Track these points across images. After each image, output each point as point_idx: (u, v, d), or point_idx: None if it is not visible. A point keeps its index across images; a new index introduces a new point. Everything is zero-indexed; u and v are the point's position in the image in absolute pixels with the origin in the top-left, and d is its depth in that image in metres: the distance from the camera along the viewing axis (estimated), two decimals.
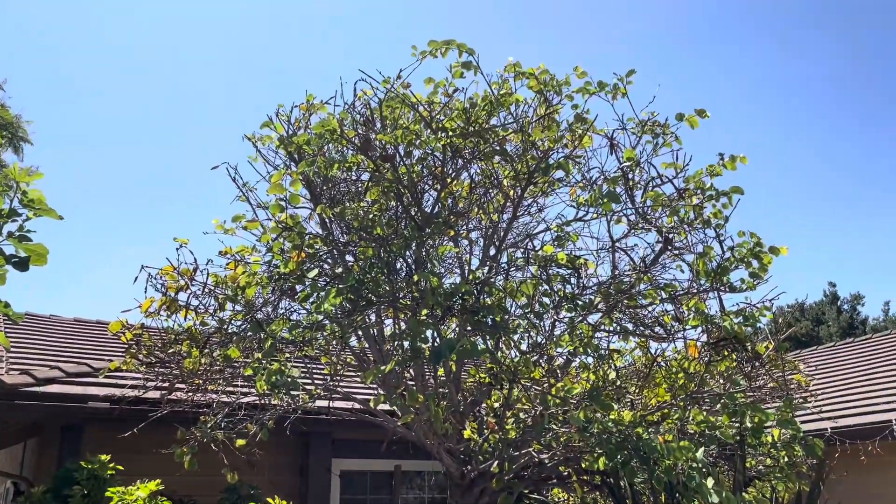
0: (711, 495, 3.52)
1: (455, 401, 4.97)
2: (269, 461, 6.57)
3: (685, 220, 4.59)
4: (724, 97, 28.03)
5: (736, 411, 4.06)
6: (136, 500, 4.75)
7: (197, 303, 4.62)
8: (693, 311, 4.32)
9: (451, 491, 5.49)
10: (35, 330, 8.95)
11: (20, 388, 5.44)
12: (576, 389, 4.20)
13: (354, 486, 7.21)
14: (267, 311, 4.70)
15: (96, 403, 5.55)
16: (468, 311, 4.09)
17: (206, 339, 4.62)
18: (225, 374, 4.88)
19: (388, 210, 4.69)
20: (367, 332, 5.04)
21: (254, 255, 4.62)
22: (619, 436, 3.96)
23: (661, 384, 4.56)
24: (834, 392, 9.10)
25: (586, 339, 4.11)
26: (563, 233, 4.45)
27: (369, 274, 4.18)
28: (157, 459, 5.53)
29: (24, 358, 6.86)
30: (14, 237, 2.86)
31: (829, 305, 28.52)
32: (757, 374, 4.40)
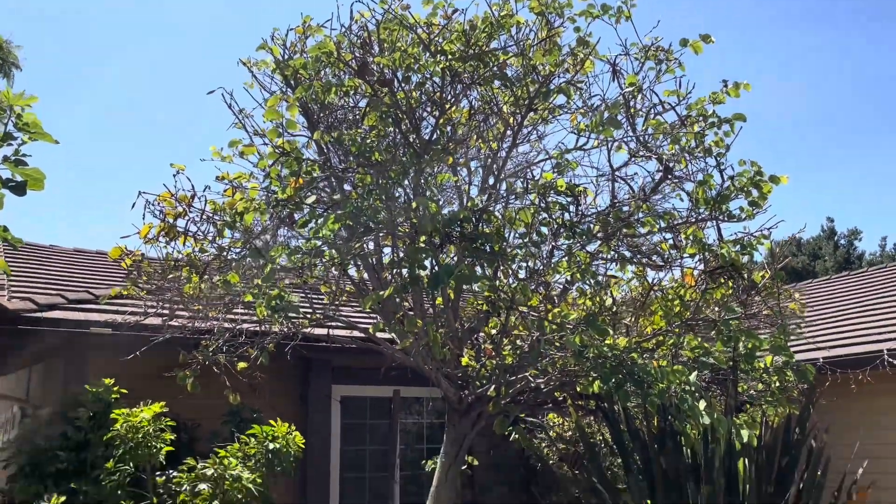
0: (703, 417, 3.60)
1: (453, 327, 5.03)
2: (271, 387, 6.70)
3: (686, 149, 4.55)
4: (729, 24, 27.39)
5: (730, 337, 4.11)
6: (141, 422, 4.87)
7: (195, 229, 4.62)
8: (691, 239, 4.33)
9: (448, 415, 5.62)
10: (36, 259, 8.99)
11: (22, 313, 5.49)
12: (572, 315, 4.25)
13: (354, 412, 7.38)
14: (265, 239, 4.70)
15: (98, 329, 5.62)
16: (466, 238, 4.09)
17: (205, 265, 4.63)
18: (225, 300, 4.92)
19: (386, 137, 4.63)
20: (366, 261, 5.06)
21: (251, 182, 4.60)
22: (614, 360, 4.02)
23: (657, 312, 4.61)
24: (827, 323, 9.22)
25: (584, 266, 4.12)
26: (563, 160, 4.41)
27: (367, 200, 4.16)
28: (160, 385, 5.63)
29: (25, 286, 6.91)
30: (10, 161, 2.83)
31: (826, 240, 28.62)
32: (752, 302, 4.44)
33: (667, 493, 4.14)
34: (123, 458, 4.91)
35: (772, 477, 4.11)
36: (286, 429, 5.49)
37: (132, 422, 4.89)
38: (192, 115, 31.52)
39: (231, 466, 5.01)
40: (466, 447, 5.60)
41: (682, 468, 4.25)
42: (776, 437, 4.25)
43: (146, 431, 4.86)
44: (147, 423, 4.89)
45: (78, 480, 5.00)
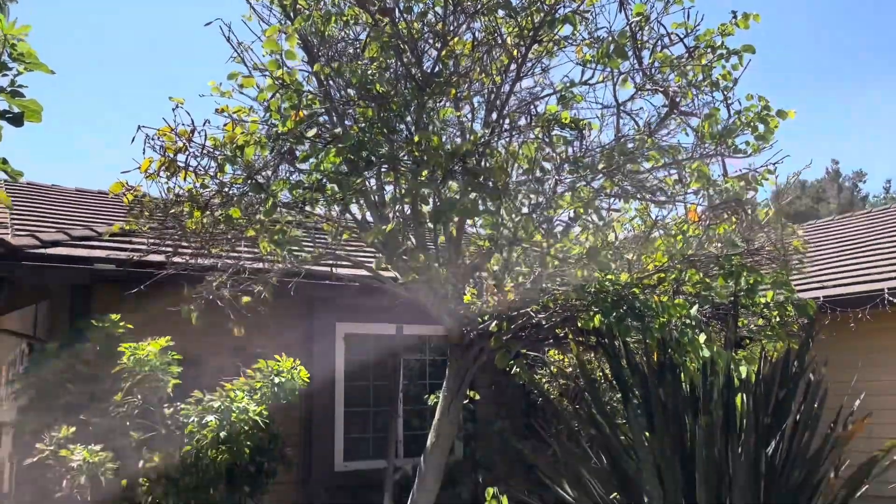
0: (703, 350, 3.64)
1: (455, 264, 5.04)
2: (276, 324, 6.78)
3: (693, 82, 4.47)
4: None
5: (732, 272, 4.12)
6: (147, 355, 4.93)
7: (196, 164, 4.59)
8: (696, 174, 4.30)
9: (450, 351, 5.69)
10: (37, 198, 8.98)
11: (26, 249, 5.51)
12: (575, 250, 4.25)
13: (358, 349, 7.47)
14: (267, 175, 4.67)
15: (102, 265, 5.64)
16: (469, 173, 4.06)
17: (206, 200, 4.62)
18: (227, 236, 4.92)
19: (388, 69, 4.55)
20: (368, 198, 5.04)
21: (252, 116, 4.54)
22: (615, 295, 4.04)
23: (659, 248, 4.61)
24: (829, 263, 9.23)
25: (587, 200, 4.10)
26: (568, 93, 4.34)
27: (368, 134, 4.12)
28: (165, 322, 5.68)
29: (28, 223, 6.91)
30: (6, 92, 2.79)
31: (830, 183, 28.46)
32: (755, 238, 4.44)
33: (665, 425, 4.21)
34: (131, 390, 5.00)
35: (769, 409, 4.17)
36: (291, 364, 5.56)
37: (139, 355, 4.95)
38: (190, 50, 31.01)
39: (238, 399, 5.10)
40: (468, 381, 5.69)
41: (681, 401, 4.32)
42: (775, 371, 4.30)
43: (153, 365, 4.93)
44: (154, 357, 4.95)
45: (87, 412, 5.09)
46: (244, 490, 5.65)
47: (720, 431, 4.13)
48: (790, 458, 4.09)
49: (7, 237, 5.61)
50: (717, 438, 4.09)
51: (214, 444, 4.95)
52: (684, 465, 4.22)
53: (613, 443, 4.47)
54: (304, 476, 6.76)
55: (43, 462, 4.75)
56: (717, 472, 4.10)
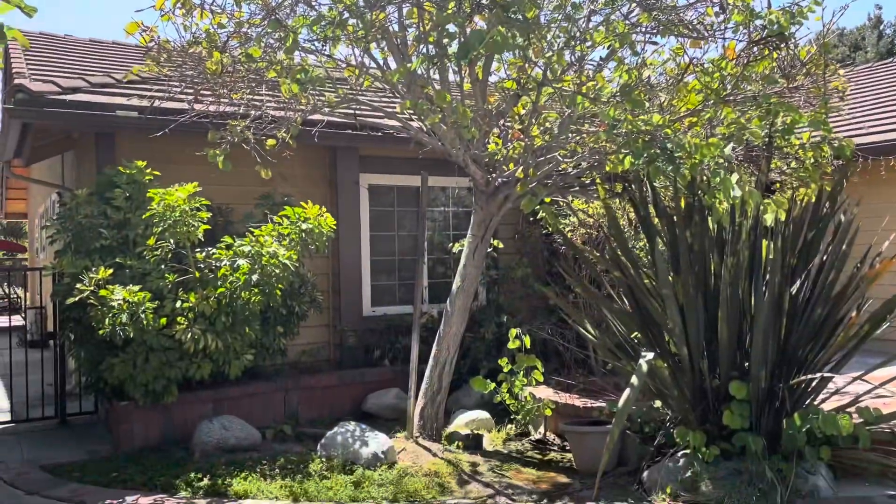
0: (734, 189, 3.58)
1: (481, 106, 4.92)
2: (300, 174, 6.78)
3: None
4: None
5: (769, 110, 3.98)
6: (176, 201, 4.98)
7: (212, 0, 4.40)
8: (738, 6, 4.05)
9: (475, 197, 5.69)
10: (52, 48, 8.77)
11: (47, 95, 5.45)
12: (607, 89, 4.11)
13: (382, 200, 7.49)
14: (286, 13, 4.49)
15: (125, 112, 5.59)
16: (498, 5, 3.85)
17: (225, 40, 4.47)
18: (248, 78, 4.81)
19: None
20: (390, 41, 4.85)
21: None
22: (647, 135, 3.95)
23: (693, 90, 4.44)
24: (865, 110, 8.92)
25: (623, 33, 3.91)
26: None
27: None
28: (191, 171, 5.70)
29: (45, 71, 6.79)
30: None
31: (870, 30, 26.95)
32: (795, 76, 4.24)
33: (690, 266, 4.24)
34: (163, 235, 5.10)
35: (797, 250, 4.17)
36: (317, 210, 5.61)
37: (168, 201, 5.01)
38: None
39: (267, 244, 5.19)
40: (493, 228, 5.73)
41: (708, 243, 4.32)
42: (805, 213, 4.26)
43: (183, 209, 4.99)
44: (183, 202, 5.01)
45: (122, 256, 5.23)
46: (277, 330, 5.90)
47: (745, 272, 4.15)
48: (814, 296, 4.13)
49: (27, 83, 5.53)
50: (741, 278, 4.13)
51: (247, 286, 5.10)
52: (707, 305, 4.29)
53: (637, 284, 4.54)
54: (334, 320, 7.02)
55: (84, 301, 4.94)
56: (740, 309, 4.17)
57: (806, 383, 4.15)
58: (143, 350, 5.02)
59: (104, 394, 5.55)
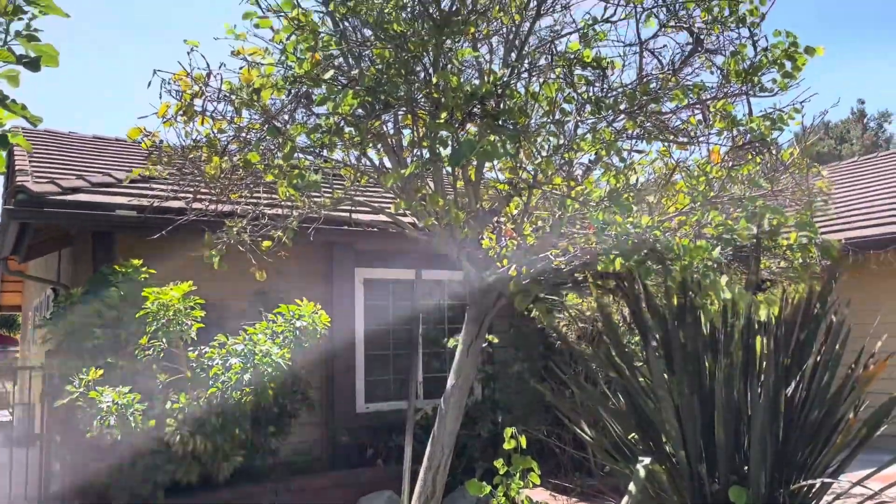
0: (724, 291, 3.62)
1: (474, 207, 5.02)
2: (296, 270, 6.83)
3: (718, 18, 4.34)
4: None
5: (755, 213, 4.07)
6: (171, 300, 5.00)
7: (213, 108, 4.56)
8: (720, 114, 4.21)
9: (469, 295, 5.71)
10: (56, 146, 9.00)
11: (47, 196, 5.55)
12: (596, 193, 4.20)
13: (377, 294, 7.52)
14: (284, 119, 4.64)
15: (123, 211, 5.68)
16: (488, 115, 4.00)
17: (224, 145, 4.60)
18: (246, 181, 4.92)
19: (405, 8, 4.45)
20: (386, 143, 5.00)
21: (267, 58, 4.48)
22: (636, 238, 4.01)
23: (681, 191, 4.55)
24: (852, 205, 9.09)
25: (609, 141, 4.04)
26: (590, 30, 4.23)
27: (385, 75, 4.05)
28: (186, 267, 5.75)
29: (48, 170, 6.95)
30: (22, 36, 2.76)
31: (854, 123, 27.82)
32: (779, 179, 4.36)
33: (685, 366, 4.23)
34: (156, 334, 5.09)
35: (790, 350, 4.17)
36: (312, 307, 5.62)
37: (163, 300, 5.02)
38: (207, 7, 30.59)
39: (260, 343, 5.18)
40: (487, 325, 5.73)
41: (701, 343, 4.31)
42: (796, 312, 4.28)
43: (176, 309, 5.00)
44: (177, 301, 5.02)
45: (113, 356, 5.20)
46: (268, 430, 5.80)
47: (740, 372, 4.13)
48: (810, 398, 4.10)
49: (28, 183, 5.64)
50: (736, 379, 4.10)
51: (239, 386, 5.05)
52: (703, 406, 4.24)
53: (632, 384, 4.50)
54: (327, 417, 6.91)
55: (73, 403, 4.87)
56: (736, 411, 4.13)
57: (808, 488, 4.06)
58: (130, 453, 4.91)
59: (89, 497, 5.39)
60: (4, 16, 2.88)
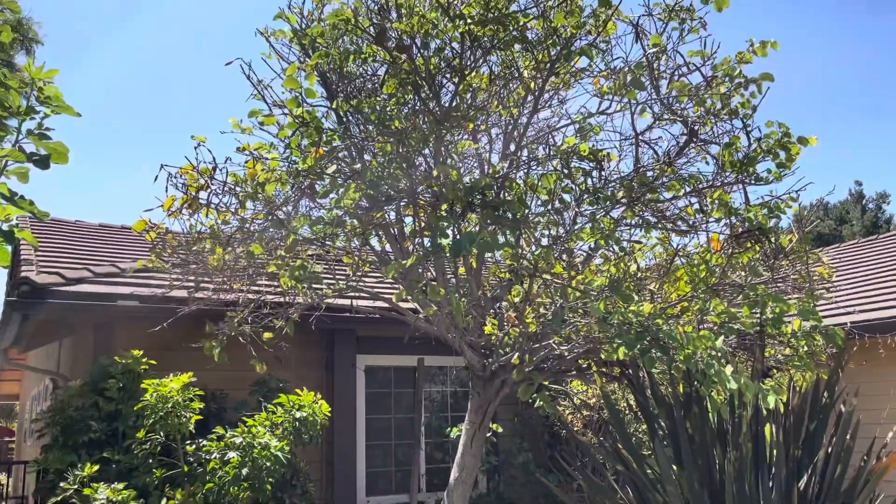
0: (730, 382, 3.57)
1: (476, 295, 5.02)
2: (296, 357, 6.78)
3: (711, 111, 4.46)
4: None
5: (757, 302, 4.06)
6: (170, 392, 4.94)
7: (217, 201, 4.64)
8: (717, 203, 4.26)
9: (472, 383, 5.64)
10: (62, 235, 9.11)
11: (51, 287, 5.58)
12: (597, 282, 4.21)
13: (379, 381, 7.44)
14: (287, 210, 4.71)
15: (125, 302, 5.69)
16: (488, 206, 4.06)
17: (228, 237, 4.66)
18: (249, 272, 4.95)
19: (406, 104, 4.59)
20: (388, 231, 5.05)
21: (272, 153, 4.59)
22: (639, 326, 3.99)
23: (682, 278, 4.56)
24: (855, 287, 9.08)
25: (608, 231, 4.08)
26: (586, 125, 4.34)
27: (387, 169, 4.13)
28: (187, 357, 5.71)
29: (53, 260, 7.01)
30: (34, 135, 2.85)
31: (853, 205, 28.12)
32: (779, 266, 4.38)
33: (693, 459, 4.13)
34: (154, 427, 5.00)
35: (800, 441, 4.08)
36: (312, 398, 5.54)
37: (162, 392, 4.97)
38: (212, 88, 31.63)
39: (259, 435, 5.08)
40: (491, 414, 5.63)
41: (709, 434, 4.23)
42: (804, 402, 4.21)
43: (175, 401, 4.94)
44: (176, 394, 4.96)
45: (110, 450, 5.10)
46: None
47: (749, 465, 4.03)
48: (823, 491, 3.98)
49: (32, 275, 5.68)
50: (746, 472, 4.00)
51: (236, 480, 4.93)
52: (713, 500, 4.12)
53: (640, 476, 4.39)
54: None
55: (67, 501, 4.75)
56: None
57: None
58: None
59: None
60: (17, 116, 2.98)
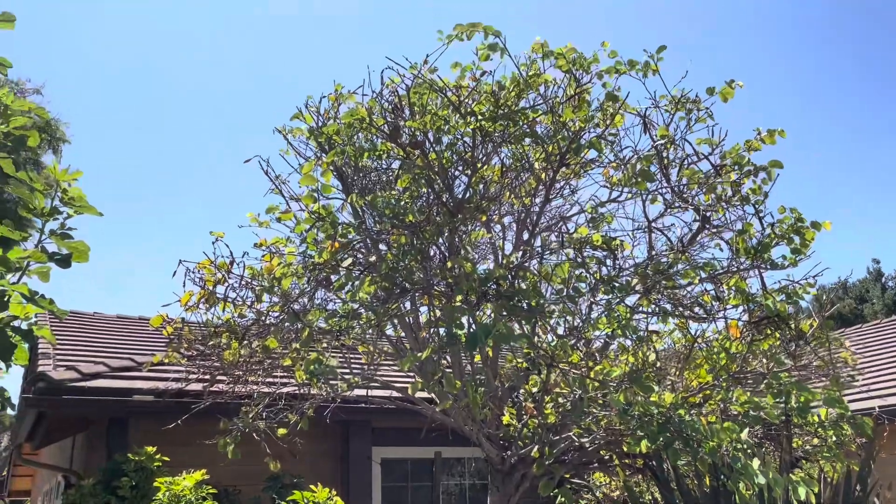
0: (757, 476, 3.45)
1: (493, 386, 4.95)
2: (311, 450, 6.65)
3: (723, 198, 4.49)
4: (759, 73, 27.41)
5: (781, 391, 3.97)
6: (182, 490, 4.84)
7: (234, 295, 4.67)
8: (733, 289, 4.23)
9: (491, 477, 5.49)
10: (80, 327, 9.17)
11: (67, 383, 5.57)
12: (615, 372, 4.15)
13: (395, 474, 7.26)
14: (303, 302, 4.73)
15: (141, 396, 5.67)
16: (503, 296, 4.06)
17: (244, 331, 4.67)
18: (264, 365, 4.93)
19: (420, 197, 4.67)
20: (403, 321, 5.05)
21: (288, 247, 4.65)
22: (661, 418, 3.90)
23: (702, 366, 4.48)
24: (881, 370, 8.87)
25: (624, 321, 4.05)
26: (598, 214, 4.39)
27: (403, 261, 4.17)
28: (201, 450, 5.62)
29: (69, 354, 7.03)
30: (56, 235, 2.92)
31: (872, 283, 27.81)
32: (801, 353, 4.30)
33: None
34: None
35: None
36: (326, 494, 5.40)
37: (174, 490, 4.87)
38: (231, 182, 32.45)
39: None
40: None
41: None
42: (836, 494, 4.05)
43: (188, 500, 4.83)
44: (189, 492, 4.86)
45: None
46: None
47: None
48: None
49: (49, 370, 5.69)
50: None
51: None
52: None
53: None
54: None
55: None
56: None
57: None
58: None
59: None
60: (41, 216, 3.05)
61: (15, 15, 2.91)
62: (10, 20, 2.90)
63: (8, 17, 2.90)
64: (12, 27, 2.92)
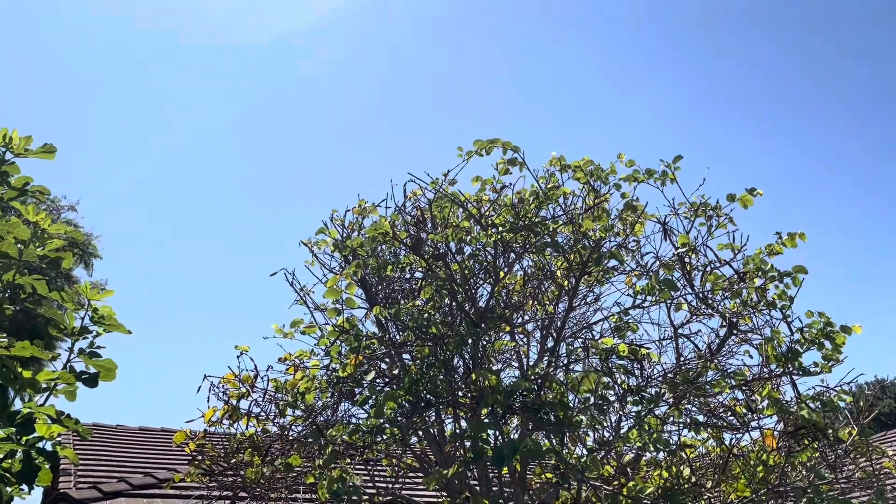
0: None
1: (522, 501, 4.78)
2: None
3: (748, 303, 4.45)
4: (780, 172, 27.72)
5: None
6: None
7: (258, 410, 4.64)
8: (767, 398, 4.12)
9: None
10: (102, 440, 9.08)
11: (88, 502, 5.48)
12: (648, 489, 4.00)
13: None
14: (327, 415, 4.67)
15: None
16: (529, 408, 3.98)
17: (267, 446, 4.60)
18: (286, 482, 4.82)
19: (443, 307, 4.68)
20: (428, 433, 4.95)
21: (312, 360, 4.65)
22: None
23: (739, 478, 4.30)
24: None
25: (655, 433, 3.94)
26: (622, 322, 4.35)
27: (427, 373, 4.14)
28: None
29: (91, 470, 6.93)
30: (85, 354, 2.95)
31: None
32: (842, 464, 4.12)
33: None
34: None
35: None
36: None
37: None
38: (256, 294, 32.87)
39: None
40: None
41: None
42: None
43: None
44: None
45: None
46: None
47: None
48: None
49: (70, 490, 5.61)
50: None
51: None
52: None
53: None
54: None
55: None
56: None
57: None
58: None
59: None
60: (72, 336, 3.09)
61: (56, 146, 3.06)
62: (51, 151, 3.05)
63: (49, 148, 3.05)
64: (53, 157, 3.07)
